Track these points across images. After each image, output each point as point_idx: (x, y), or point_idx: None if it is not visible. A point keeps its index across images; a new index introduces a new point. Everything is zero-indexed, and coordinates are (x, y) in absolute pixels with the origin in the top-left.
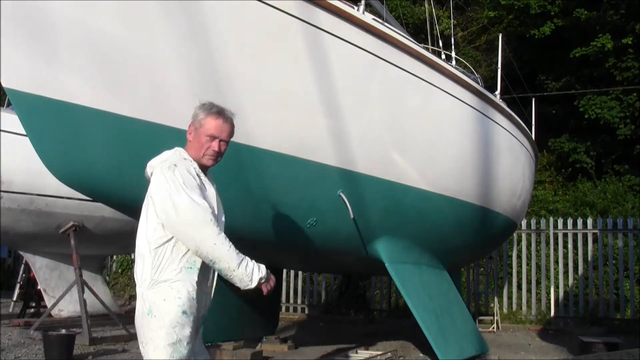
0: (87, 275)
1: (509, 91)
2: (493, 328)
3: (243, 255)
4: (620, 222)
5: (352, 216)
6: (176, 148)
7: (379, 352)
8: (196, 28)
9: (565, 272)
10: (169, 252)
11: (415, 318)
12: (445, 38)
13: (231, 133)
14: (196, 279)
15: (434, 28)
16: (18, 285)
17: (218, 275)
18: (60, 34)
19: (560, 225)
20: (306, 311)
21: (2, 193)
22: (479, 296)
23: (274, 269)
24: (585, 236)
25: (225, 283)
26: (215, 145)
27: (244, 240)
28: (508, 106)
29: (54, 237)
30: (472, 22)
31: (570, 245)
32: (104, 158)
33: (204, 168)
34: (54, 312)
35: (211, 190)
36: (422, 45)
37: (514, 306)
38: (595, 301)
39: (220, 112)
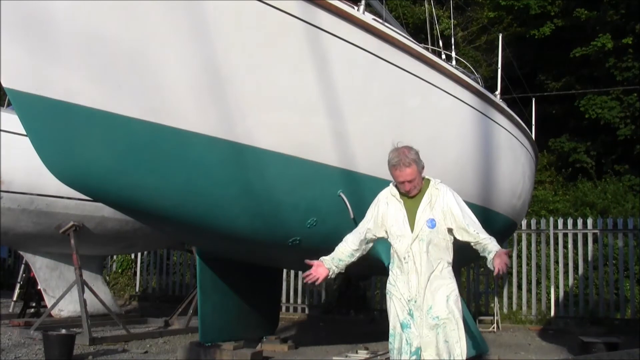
0: (87, 275)
1: (509, 91)
2: (493, 328)
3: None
4: (620, 222)
5: (352, 216)
6: None
7: (379, 352)
8: (196, 28)
9: (566, 272)
10: None
11: None
12: (445, 38)
13: (413, 172)
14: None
15: (434, 28)
16: (18, 285)
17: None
18: (61, 34)
19: (560, 225)
20: (306, 311)
21: (2, 193)
22: (479, 296)
23: (274, 269)
24: (585, 236)
25: (226, 282)
26: (406, 186)
27: (244, 239)
28: (508, 106)
29: (54, 237)
30: (472, 22)
31: (570, 245)
32: (104, 158)
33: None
34: (54, 312)
35: (395, 206)
36: (422, 45)
37: (514, 306)
38: (595, 301)
39: (397, 164)
